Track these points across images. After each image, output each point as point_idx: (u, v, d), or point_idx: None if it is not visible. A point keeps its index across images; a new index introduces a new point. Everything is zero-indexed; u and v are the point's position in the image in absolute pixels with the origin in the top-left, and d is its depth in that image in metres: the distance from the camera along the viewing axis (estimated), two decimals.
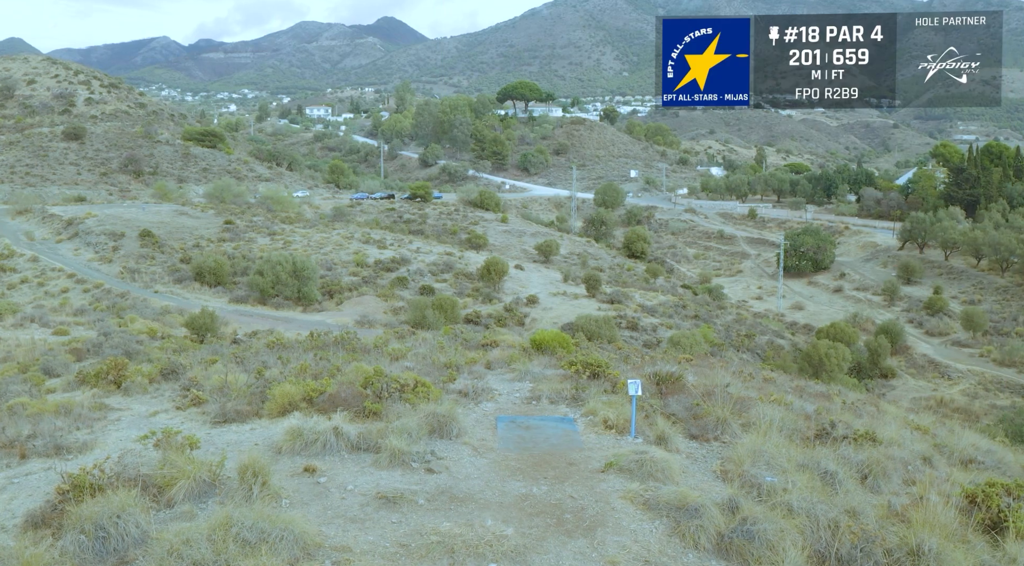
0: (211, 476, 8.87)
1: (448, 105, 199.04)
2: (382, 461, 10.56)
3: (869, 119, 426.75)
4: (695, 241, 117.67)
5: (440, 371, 15.43)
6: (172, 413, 13.26)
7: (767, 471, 9.75)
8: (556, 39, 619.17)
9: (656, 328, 58.18)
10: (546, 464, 11.09)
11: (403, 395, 12.06)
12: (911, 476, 10.72)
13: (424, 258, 72.68)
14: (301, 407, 12.03)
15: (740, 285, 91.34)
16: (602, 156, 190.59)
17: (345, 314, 57.46)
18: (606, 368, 14.66)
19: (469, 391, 13.94)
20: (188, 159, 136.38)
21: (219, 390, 13.68)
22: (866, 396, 23.60)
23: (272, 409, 12.10)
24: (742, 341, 60.53)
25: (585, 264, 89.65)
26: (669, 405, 12.72)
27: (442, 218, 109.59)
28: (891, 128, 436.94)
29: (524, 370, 16.21)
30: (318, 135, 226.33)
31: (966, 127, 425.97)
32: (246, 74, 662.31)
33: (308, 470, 9.98)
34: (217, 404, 12.64)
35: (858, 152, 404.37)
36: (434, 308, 54.24)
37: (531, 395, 14.42)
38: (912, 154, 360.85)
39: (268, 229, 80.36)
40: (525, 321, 57.72)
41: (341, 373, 14.14)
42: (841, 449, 10.89)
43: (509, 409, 13.50)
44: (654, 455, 10.40)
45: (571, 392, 14.09)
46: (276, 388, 12.26)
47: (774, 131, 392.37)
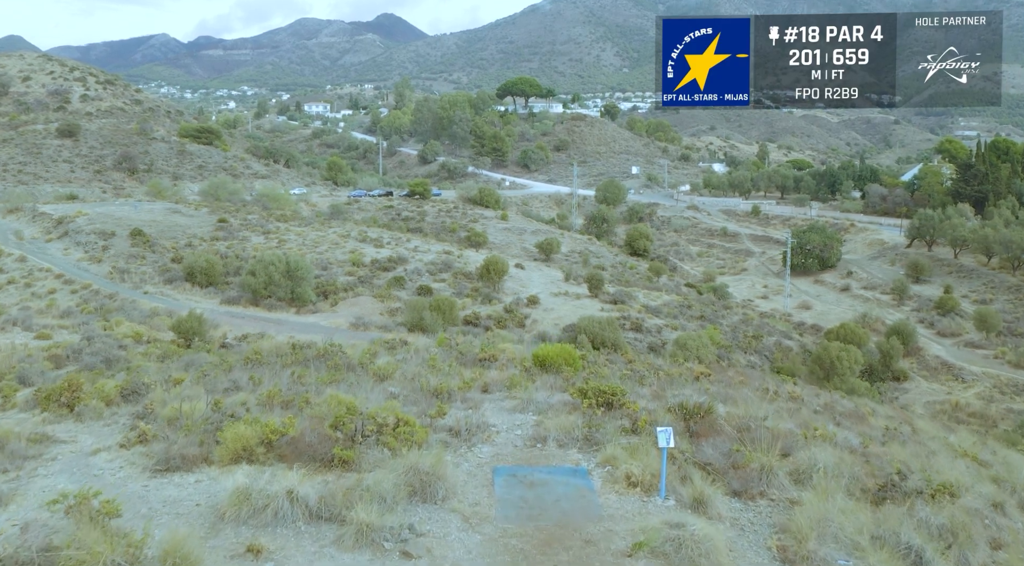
0: (129, 560, 7.02)
1: (447, 101, 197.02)
2: (346, 539, 8.52)
3: (870, 115, 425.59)
4: (698, 239, 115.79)
5: (429, 400, 13.47)
6: (115, 453, 11.44)
7: (837, 548, 7.91)
8: (556, 35, 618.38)
9: (661, 329, 56.39)
10: (557, 543, 8.94)
11: (381, 438, 10.14)
12: (994, 535, 8.95)
13: (422, 257, 70.86)
14: (258, 453, 10.16)
15: (745, 284, 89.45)
16: (603, 152, 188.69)
17: (340, 316, 55.64)
18: (621, 396, 12.74)
19: (461, 429, 11.93)
20: (184, 156, 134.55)
21: (172, 423, 11.87)
22: (896, 411, 21.79)
23: (224, 455, 10.25)
24: (749, 343, 58.77)
25: (587, 263, 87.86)
26: (703, 450, 10.78)
27: (441, 216, 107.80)
28: (892, 124, 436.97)
29: (526, 398, 14.24)
30: (316, 132, 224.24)
31: (967, 123, 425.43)
32: (245, 71, 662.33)
33: (252, 550, 8.10)
34: (164, 444, 10.80)
35: (859, 148, 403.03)
36: (432, 310, 52.46)
37: (535, 434, 12.28)
38: (913, 150, 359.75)
39: (263, 228, 78.55)
40: (526, 322, 55.91)
41: (311, 406, 12.26)
42: (917, 509, 9.05)
43: (509, 455, 11.37)
44: (694, 529, 8.34)
45: (583, 431, 12.01)
46: (230, 429, 10.35)
47: (775, 127, 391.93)
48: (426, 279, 64.18)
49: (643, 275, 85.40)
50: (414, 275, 64.53)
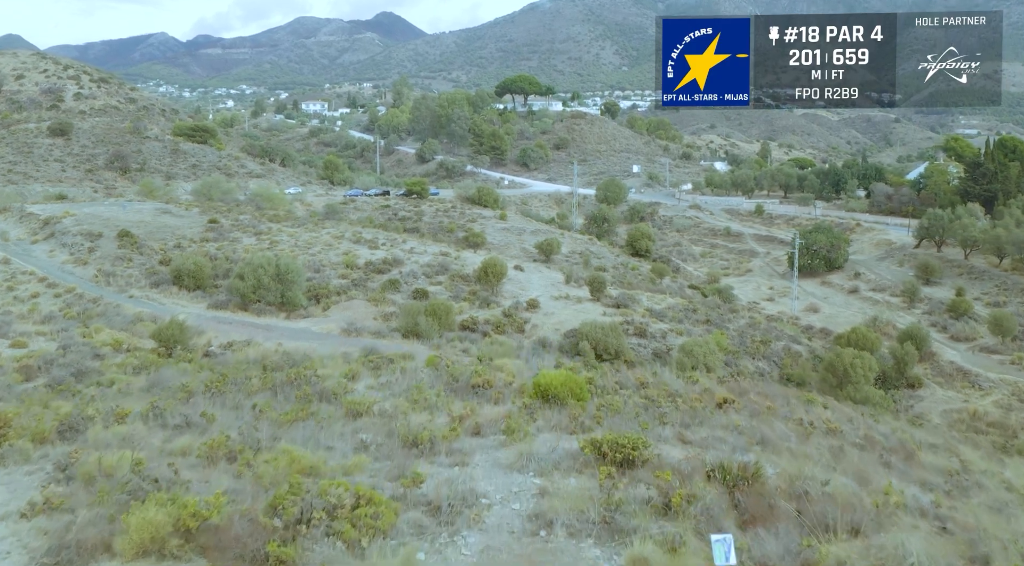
0: None
1: (446, 99, 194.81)
2: None
3: (870, 113, 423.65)
4: (701, 239, 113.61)
5: (405, 454, 11.13)
6: (12, 525, 9.27)
7: None
8: (555, 34, 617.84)
9: (666, 334, 54.25)
10: None
11: (334, 525, 7.83)
12: None
13: (418, 259, 68.66)
14: (171, 546, 7.98)
15: (750, 286, 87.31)
16: (603, 151, 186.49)
17: (332, 321, 53.43)
18: (643, 450, 10.46)
19: (443, 503, 9.48)
20: (177, 155, 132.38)
21: (89, 483, 9.73)
22: (937, 434, 19.63)
23: (128, 547, 8.04)
24: (757, 348, 56.67)
25: (588, 264, 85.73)
26: (760, 542, 8.48)
27: (438, 215, 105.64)
28: (892, 122, 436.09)
29: (526, 451, 11.73)
30: (313, 130, 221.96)
31: (968, 122, 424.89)
32: (244, 70, 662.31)
33: None
34: (68, 518, 8.64)
35: (860, 146, 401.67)
36: (427, 314, 50.29)
37: (538, 511, 9.72)
38: (914, 149, 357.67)
39: (254, 228, 76.38)
40: (525, 327, 53.76)
41: (257, 464, 10.02)
42: None
43: (503, 549, 8.81)
44: None
45: (600, 508, 9.51)
46: (137, 513, 8.13)
47: (775, 126, 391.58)
48: (422, 282, 62.03)
49: (645, 277, 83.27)
50: (409, 278, 62.37)
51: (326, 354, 43.51)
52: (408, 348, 46.90)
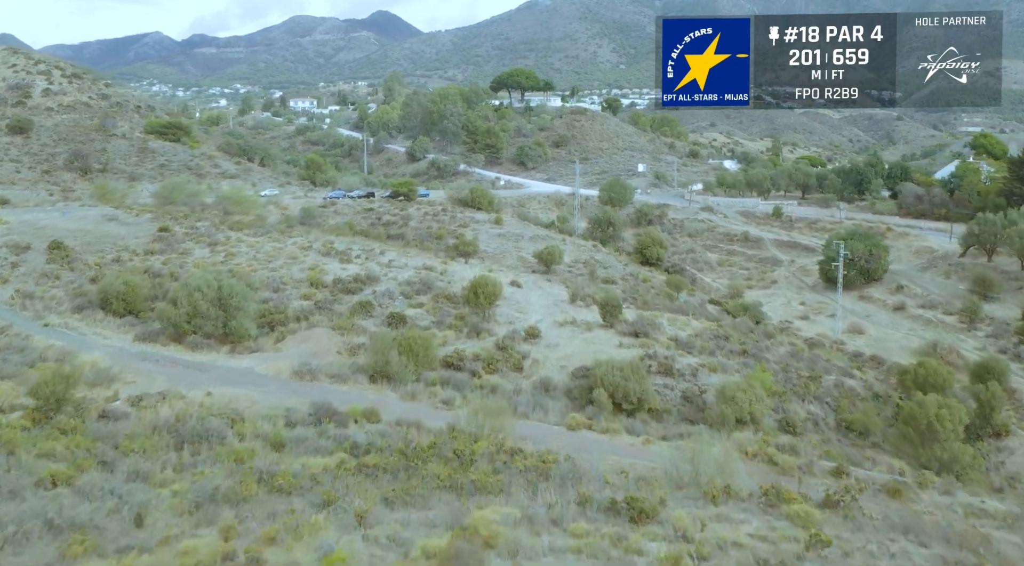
0: None
1: (438, 95, 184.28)
2: None
3: (872, 111, 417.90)
4: (716, 244, 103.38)
5: None
6: None
7: None
8: (552, 32, 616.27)
9: (696, 371, 44.22)
10: None
11: None
12: None
13: (398, 274, 58.53)
14: None
15: (778, 300, 77.12)
16: (606, 149, 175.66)
17: (285, 356, 43.35)
18: None
19: None
20: (145, 154, 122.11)
21: None
22: None
23: None
24: (806, 386, 46.62)
25: (594, 275, 75.66)
26: None
27: (427, 220, 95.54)
28: (895, 120, 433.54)
29: None
30: (300, 128, 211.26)
31: (970, 119, 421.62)
32: (239, 69, 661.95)
33: None
34: None
35: (862, 145, 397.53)
36: (401, 350, 40.27)
37: None
38: (917, 146, 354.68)
39: (210, 238, 66.27)
40: (524, 364, 43.69)
41: None
42: None
43: None
44: None
45: None
46: None
47: (776, 124, 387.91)
48: (399, 304, 51.89)
49: (659, 290, 73.18)
50: (385, 299, 52.22)
51: (263, 411, 33.45)
52: (374, 397, 36.87)
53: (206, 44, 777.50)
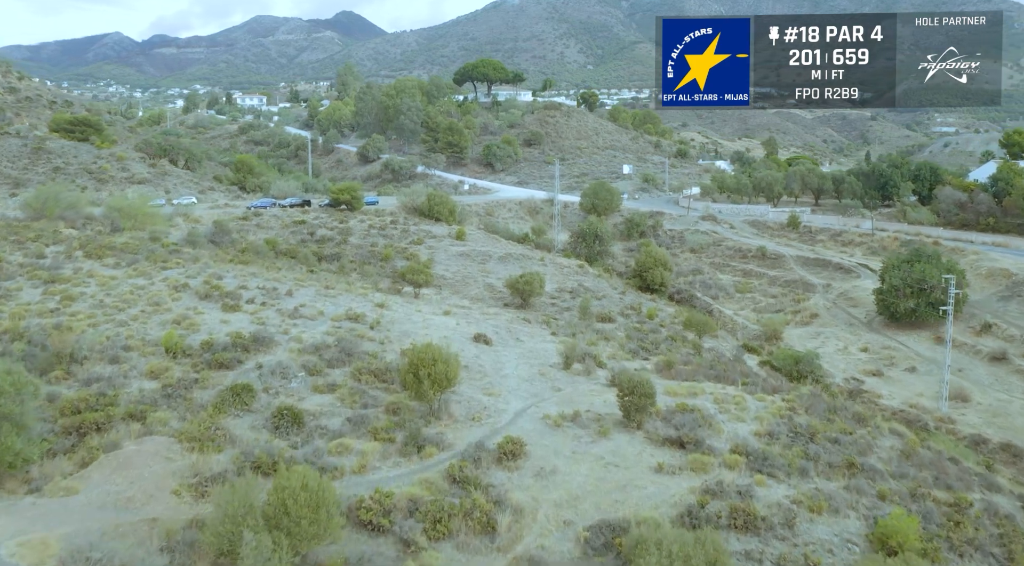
0: None
1: (394, 88, 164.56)
2: None
3: (846, 111, 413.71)
4: (726, 263, 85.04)
5: None
6: None
7: None
8: (519, 32, 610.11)
9: (793, 517, 25.68)
10: None
11: None
12: None
13: (304, 330, 39.54)
14: None
15: (830, 344, 58.62)
16: (584, 148, 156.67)
17: (77, 505, 24.42)
18: None
19: None
20: (39, 156, 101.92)
21: None
22: None
23: None
24: (955, 525, 28.22)
25: (586, 312, 57.01)
26: None
27: (372, 235, 76.87)
28: (868, 120, 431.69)
29: None
30: (244, 127, 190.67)
31: (943, 119, 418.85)
32: (199, 69, 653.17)
33: None
34: None
35: (836, 145, 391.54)
36: (272, 521, 21.39)
37: None
38: (892, 146, 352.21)
39: (53, 271, 46.91)
40: (498, 520, 24.65)
41: None
42: None
43: None
44: None
45: None
46: None
47: (749, 124, 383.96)
48: (298, 384, 32.95)
49: (675, 333, 54.62)
50: (276, 378, 33.16)
51: None
52: None
53: (166, 44, 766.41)
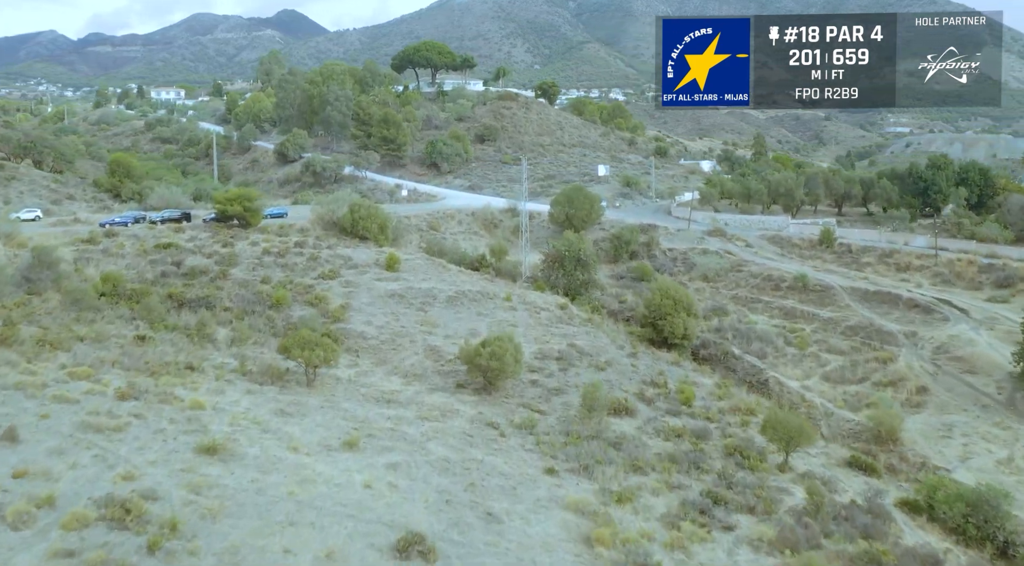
0: None
1: (320, 74, 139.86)
2: None
3: (799, 112, 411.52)
4: (756, 296, 62.60)
5: None
6: None
7: None
8: (465, 31, 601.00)
9: None
10: None
11: None
12: None
13: None
14: None
15: (979, 448, 36.00)
16: (548, 145, 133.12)
17: None
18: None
19: None
20: None
21: None
22: None
23: None
24: None
25: (592, 407, 34.06)
26: None
27: (265, 264, 53.58)
28: (823, 121, 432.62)
29: None
30: (151, 123, 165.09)
31: (896, 120, 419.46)
32: (135, 68, 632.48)
33: None
34: None
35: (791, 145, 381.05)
36: None
37: None
38: (847, 147, 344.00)
39: None
40: None
41: None
42: None
43: None
44: None
45: None
46: None
47: (702, 123, 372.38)
48: None
49: (748, 450, 31.92)
50: None
51: None
52: None
53: (102, 43, 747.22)
